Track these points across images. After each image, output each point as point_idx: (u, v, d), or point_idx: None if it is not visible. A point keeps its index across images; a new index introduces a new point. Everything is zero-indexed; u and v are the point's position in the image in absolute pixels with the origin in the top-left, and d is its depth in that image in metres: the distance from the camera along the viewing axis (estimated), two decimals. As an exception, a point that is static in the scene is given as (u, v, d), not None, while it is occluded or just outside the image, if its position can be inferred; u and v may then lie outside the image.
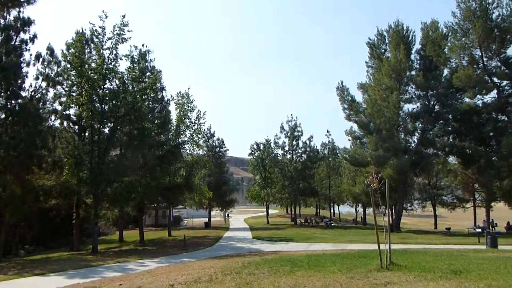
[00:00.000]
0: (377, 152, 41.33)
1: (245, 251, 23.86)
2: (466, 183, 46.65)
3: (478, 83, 37.60)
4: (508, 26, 36.60)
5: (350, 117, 45.98)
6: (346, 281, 8.96)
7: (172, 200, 38.27)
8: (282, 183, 51.96)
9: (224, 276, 11.15)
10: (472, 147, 41.66)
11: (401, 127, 43.52)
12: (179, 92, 37.22)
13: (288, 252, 20.97)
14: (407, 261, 11.64)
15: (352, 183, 49.83)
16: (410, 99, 43.68)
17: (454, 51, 38.93)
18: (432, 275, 8.98)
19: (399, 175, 39.07)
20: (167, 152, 34.73)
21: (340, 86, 46.54)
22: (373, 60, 46.01)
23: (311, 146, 54.32)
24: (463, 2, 38.07)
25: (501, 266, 10.11)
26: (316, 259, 13.86)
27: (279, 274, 10.79)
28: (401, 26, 43.10)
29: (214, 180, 50.25)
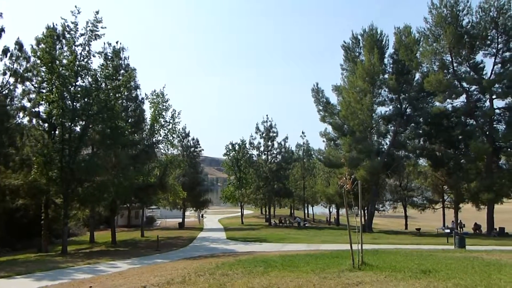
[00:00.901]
0: (350, 154, 41.97)
1: (219, 251, 23.76)
2: (436, 185, 47.91)
3: (448, 88, 38.69)
4: (477, 33, 37.84)
5: (325, 118, 46.49)
6: (319, 281, 9.01)
7: (145, 200, 37.74)
8: (257, 183, 52.01)
9: (197, 277, 11.05)
10: (441, 149, 42.84)
11: (374, 129, 44.33)
12: (154, 91, 36.65)
13: (262, 252, 20.99)
14: (378, 261, 11.83)
15: (326, 184, 50.40)
16: (383, 102, 44.59)
17: (426, 56, 39.96)
18: (403, 274, 9.15)
19: (371, 177, 39.79)
20: (140, 151, 34.21)
21: (315, 88, 47.03)
22: (348, 63, 46.66)
23: (286, 147, 54.67)
24: (434, 9, 39.14)
25: (468, 266, 10.41)
26: (290, 260, 13.91)
27: (252, 274, 10.76)
28: (375, 31, 43.92)
29: (189, 180, 49.83)
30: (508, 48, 38.42)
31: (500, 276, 8.63)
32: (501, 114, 40.59)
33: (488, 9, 37.42)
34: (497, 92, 38.97)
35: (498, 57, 38.70)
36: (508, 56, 38.54)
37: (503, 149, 40.07)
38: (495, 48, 38.39)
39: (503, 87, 38.44)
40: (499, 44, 38.13)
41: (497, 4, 36.98)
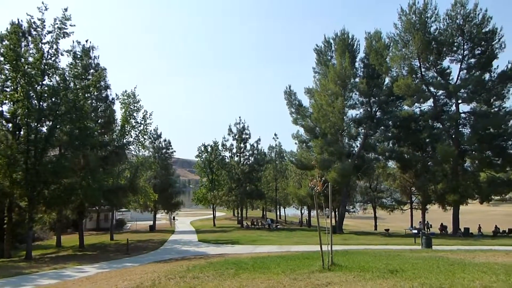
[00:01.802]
0: (322, 156, 42.41)
1: (190, 254, 23.54)
2: (404, 187, 49.14)
3: (416, 92, 39.75)
4: (445, 39, 39.06)
5: (297, 121, 46.87)
6: (289, 282, 9.05)
7: (115, 202, 36.92)
8: (229, 185, 51.85)
9: (167, 280, 10.90)
10: (409, 152, 43.96)
11: (345, 132, 44.99)
12: (125, 91, 36.01)
13: (234, 254, 20.92)
14: (348, 261, 11.98)
15: (298, 185, 50.79)
16: (354, 105, 45.36)
17: (395, 61, 40.92)
18: (371, 274, 9.30)
19: (342, 178, 40.32)
20: (110, 153, 33.46)
21: (288, 90, 47.36)
22: (320, 66, 47.22)
23: (258, 149, 54.76)
24: (404, 15, 40.16)
25: (434, 265, 10.69)
26: (261, 261, 13.92)
27: (223, 277, 10.70)
28: (346, 35, 44.66)
29: (160, 182, 49.19)
30: (473, 54, 39.82)
31: (464, 275, 8.89)
32: (466, 118, 42.00)
33: (454, 16, 38.69)
34: (462, 97, 40.33)
35: (464, 63, 40.05)
36: (473, 62, 39.93)
37: (468, 152, 41.45)
38: (461, 55, 39.71)
39: (468, 92, 39.82)
40: (465, 51, 39.47)
41: (463, 12, 38.29)
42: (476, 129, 39.65)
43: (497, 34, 38.47)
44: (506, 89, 39.17)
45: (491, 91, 39.23)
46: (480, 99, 40.08)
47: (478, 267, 10.14)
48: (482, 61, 39.17)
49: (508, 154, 39.01)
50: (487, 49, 38.96)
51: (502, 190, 42.25)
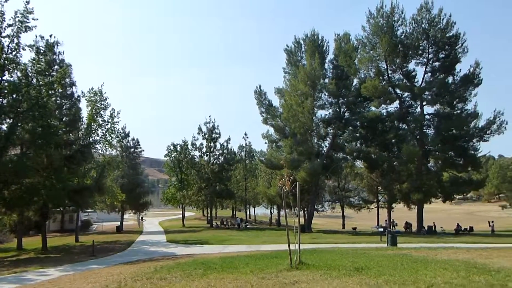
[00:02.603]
0: (291, 156, 42.74)
1: (158, 255, 23.16)
2: (371, 186, 50.25)
3: (383, 94, 40.71)
4: (410, 43, 40.17)
5: (267, 120, 47.04)
6: (257, 281, 9.03)
7: (80, 203, 35.75)
8: (199, 185, 51.45)
9: (134, 282, 10.67)
10: (376, 152, 44.94)
11: (315, 132, 45.51)
12: (91, 88, 34.92)
13: (203, 255, 20.74)
14: (315, 260, 12.10)
15: (267, 185, 50.95)
16: (323, 106, 45.96)
17: (363, 62, 41.75)
18: (337, 272, 9.43)
19: (311, 178, 40.78)
20: (76, 152, 32.39)
21: (258, 90, 47.46)
22: (290, 67, 47.59)
23: (228, 148, 54.56)
24: (372, 18, 41.03)
25: (398, 262, 10.95)
26: (230, 261, 13.86)
27: (191, 277, 10.58)
28: (316, 36, 45.21)
29: (128, 181, 48.20)
30: (437, 58, 41.15)
31: (426, 272, 9.14)
32: (430, 120, 43.35)
33: (420, 21, 39.86)
34: (427, 99, 41.60)
35: (428, 66, 41.34)
36: (438, 65, 41.27)
37: (431, 153, 42.78)
38: (426, 58, 40.97)
39: (432, 95, 41.13)
40: (430, 54, 40.72)
41: (428, 17, 39.49)
42: (440, 130, 41.01)
43: (460, 38, 39.93)
44: (468, 92, 40.68)
45: (454, 94, 40.65)
46: (444, 101, 41.45)
47: (440, 264, 10.45)
48: (445, 64, 40.53)
49: (469, 154, 40.53)
50: (451, 53, 40.35)
51: (463, 189, 44.01)
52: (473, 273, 8.85)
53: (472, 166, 41.60)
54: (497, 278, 8.22)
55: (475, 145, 41.07)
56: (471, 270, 9.21)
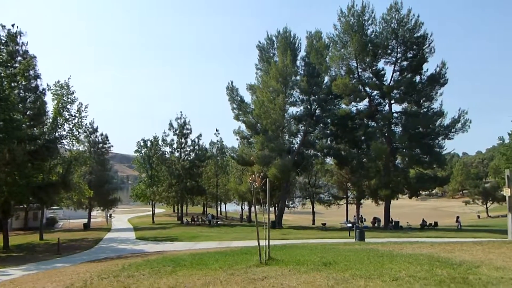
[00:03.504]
0: (263, 152, 42.87)
1: (127, 252, 22.78)
2: (341, 182, 51.12)
3: (353, 92, 41.40)
4: (380, 42, 40.95)
5: (239, 117, 46.98)
6: (226, 277, 9.01)
7: (45, 200, 34.65)
8: (169, 181, 50.93)
9: (100, 280, 10.42)
10: (346, 149, 45.73)
11: (286, 128, 45.80)
12: (58, 81, 33.77)
13: (173, 251, 20.56)
14: (285, 255, 12.17)
15: (238, 181, 50.98)
16: (295, 103, 46.28)
17: (334, 60, 42.27)
18: (305, 267, 9.51)
19: (282, 174, 41.04)
20: (40, 147, 31.31)
21: (230, 86, 47.24)
22: (262, 63, 47.65)
23: (199, 145, 54.25)
24: (343, 17, 41.54)
25: (365, 257, 11.14)
26: (200, 258, 13.76)
27: (160, 275, 10.44)
28: (288, 33, 45.40)
29: (96, 178, 47.11)
30: (405, 57, 42.14)
31: (392, 265, 9.35)
32: (398, 118, 44.42)
33: (390, 20, 40.67)
34: (395, 98, 42.62)
35: (397, 66, 42.26)
36: (406, 65, 42.26)
37: (399, 150, 43.85)
38: (394, 57, 41.87)
39: (400, 93, 42.15)
40: (398, 54, 41.66)
41: (397, 17, 40.35)
42: (407, 128, 42.08)
43: (428, 39, 41.00)
44: (434, 91, 41.92)
45: (421, 93, 41.80)
46: (411, 100, 42.58)
47: (405, 258, 10.70)
48: (413, 64, 41.55)
49: (435, 152, 41.79)
50: (418, 53, 41.40)
51: (429, 185, 45.43)
52: (436, 266, 9.11)
53: (437, 163, 42.92)
54: (458, 271, 8.50)
55: (440, 143, 42.40)
56: (434, 264, 9.48)
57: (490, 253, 11.34)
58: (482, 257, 10.70)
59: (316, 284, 7.58)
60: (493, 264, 9.39)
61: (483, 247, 12.89)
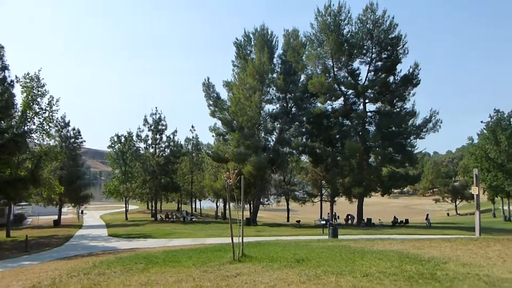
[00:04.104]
0: (238, 149, 42.85)
1: (98, 250, 22.37)
2: (315, 180, 51.61)
3: (329, 90, 41.82)
4: (355, 42, 41.47)
5: (215, 113, 46.71)
6: (199, 275, 8.99)
7: (13, 195, 33.54)
8: (143, 177, 50.20)
9: (69, 278, 10.21)
10: (321, 147, 46.20)
11: (262, 126, 45.91)
12: (27, 73, 32.72)
13: (146, 249, 20.32)
14: (258, 252, 12.23)
15: (214, 178, 50.79)
16: (271, 100, 46.40)
17: (310, 59, 42.57)
18: (279, 264, 9.60)
19: (257, 172, 41.13)
20: (8, 141, 30.27)
21: (206, 82, 46.90)
22: (239, 60, 47.53)
23: (175, 141, 53.68)
24: (320, 16, 41.86)
25: (337, 253, 11.34)
26: (173, 255, 13.68)
27: (132, 272, 10.32)
28: (266, 31, 45.47)
29: (67, 173, 45.93)
30: (380, 58, 42.85)
31: (363, 262, 9.55)
32: (372, 117, 45.19)
33: (365, 21, 41.24)
34: (369, 97, 43.31)
35: (371, 66, 42.93)
36: (380, 65, 42.98)
37: (372, 148, 44.61)
38: (369, 57, 42.51)
39: (375, 93, 42.87)
40: (373, 54, 42.32)
41: (373, 18, 40.95)
42: (380, 127, 42.87)
43: (402, 40, 41.80)
44: (407, 91, 42.84)
45: (394, 93, 42.64)
46: (385, 100, 43.40)
47: (376, 254, 10.94)
48: (387, 64, 42.30)
49: (406, 151, 42.73)
50: (393, 53, 42.17)
51: (401, 183, 46.45)
52: (406, 262, 9.35)
53: (409, 162, 43.93)
54: (427, 267, 8.75)
55: (412, 142, 43.39)
56: (404, 260, 9.73)
57: (457, 250, 11.71)
58: (450, 253, 11.04)
59: (289, 280, 7.65)
60: (460, 260, 9.71)
61: (451, 244, 13.30)
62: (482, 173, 48.17)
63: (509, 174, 46.79)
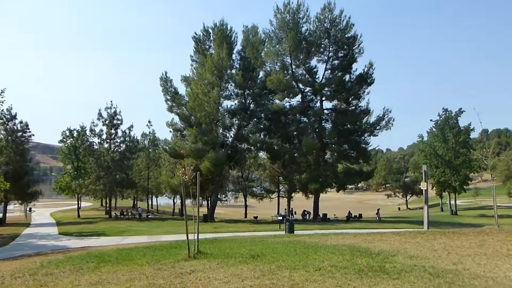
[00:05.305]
0: (196, 145, 42.47)
1: (47, 249, 21.39)
2: (273, 176, 52.09)
3: (287, 87, 42.28)
4: (313, 40, 42.16)
5: (172, 109, 46.00)
6: (152, 272, 8.83)
7: (-49, 192, 31.64)
8: (97, 173, 48.60)
9: (13, 279, 9.71)
10: (279, 144, 46.66)
11: (220, 122, 45.70)
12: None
13: (98, 247, 19.72)
14: (214, 249, 12.19)
15: (171, 174, 50.06)
16: (229, 96, 46.26)
17: (269, 56, 42.86)
18: (234, 260, 9.60)
19: (215, 168, 40.97)
20: None
21: (164, 77, 46.00)
22: (198, 55, 46.97)
23: (131, 136, 52.25)
24: (279, 13, 42.21)
25: (292, 249, 11.49)
26: (127, 253, 13.35)
27: (82, 271, 9.96)
28: (225, 26, 45.16)
29: (14, 169, 43.58)
30: (337, 56, 43.85)
31: (316, 256, 9.74)
32: (329, 114, 46.21)
33: (323, 20, 42.02)
34: (326, 95, 44.21)
35: (328, 64, 43.86)
36: (337, 64, 43.99)
37: (328, 145, 45.66)
38: (326, 56, 43.44)
39: (331, 91, 43.83)
40: (330, 53, 43.24)
41: (330, 17, 41.79)
42: (336, 124, 43.93)
43: (357, 40, 42.99)
44: (362, 90, 44.16)
45: (349, 91, 43.81)
46: (341, 98, 44.49)
47: (329, 248, 11.20)
48: (343, 63, 43.37)
49: (361, 148, 44.08)
50: (349, 52, 43.28)
51: (355, 179, 47.93)
52: (357, 256, 9.63)
53: (363, 158, 45.34)
54: (376, 260, 9.06)
55: (366, 139, 44.85)
56: (355, 254, 10.02)
57: (406, 243, 12.20)
58: (399, 246, 11.48)
59: (243, 276, 7.67)
60: (408, 253, 10.12)
61: (400, 237, 13.83)
62: (430, 169, 50.58)
63: (456, 170, 49.43)
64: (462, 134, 51.21)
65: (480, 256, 9.55)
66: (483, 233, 14.17)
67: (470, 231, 15.12)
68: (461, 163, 49.75)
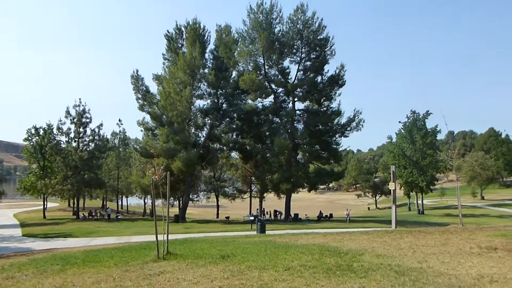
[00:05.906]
0: (168, 145, 41.96)
1: (9, 251, 20.59)
2: (245, 176, 52.12)
3: (260, 88, 42.38)
4: (286, 41, 42.43)
5: (144, 107, 45.34)
6: (120, 274, 8.64)
7: None
8: (65, 173, 47.24)
9: (-30, 284, 9.29)
10: (251, 144, 46.75)
11: (192, 121, 45.33)
12: None
13: (64, 249, 19.11)
14: (184, 250, 12.06)
15: (141, 174, 49.27)
16: (202, 96, 45.98)
17: (242, 56, 42.85)
18: (203, 261, 9.52)
19: (187, 168, 40.62)
20: None
21: (135, 75, 45.29)
22: (170, 53, 46.47)
23: (100, 135, 51.02)
24: (252, 13, 42.27)
25: (262, 249, 11.50)
26: (94, 255, 13.01)
27: (46, 274, 9.64)
28: (198, 25, 44.86)
29: (-25, 168, 41.99)
30: (309, 58, 44.29)
31: (286, 256, 9.78)
32: (301, 115, 46.64)
33: (296, 21, 42.36)
34: (298, 96, 44.63)
35: (301, 65, 44.23)
36: (309, 65, 44.42)
37: (300, 146, 46.05)
38: (299, 57, 43.79)
39: (303, 92, 44.25)
40: (303, 54, 43.65)
41: (303, 18, 42.17)
42: (308, 125, 44.38)
43: (330, 42, 43.55)
44: (333, 91, 44.78)
45: (321, 92, 44.35)
46: (313, 99, 45.00)
47: (299, 248, 11.27)
48: (316, 64, 43.85)
49: (332, 148, 44.70)
50: (321, 54, 43.80)
51: (326, 179, 48.52)
52: (326, 255, 9.74)
53: (334, 159, 45.98)
54: (344, 259, 9.18)
55: (337, 140, 45.57)
56: (324, 253, 10.13)
57: (373, 242, 12.42)
58: (367, 245, 11.68)
59: (212, 277, 7.62)
60: (375, 252, 10.31)
61: (368, 236, 14.08)
62: (399, 169, 51.83)
63: (423, 171, 50.80)
64: (429, 135, 52.73)
65: (444, 254, 9.83)
66: (447, 232, 14.60)
67: (435, 230, 15.56)
68: (428, 163, 51.18)
